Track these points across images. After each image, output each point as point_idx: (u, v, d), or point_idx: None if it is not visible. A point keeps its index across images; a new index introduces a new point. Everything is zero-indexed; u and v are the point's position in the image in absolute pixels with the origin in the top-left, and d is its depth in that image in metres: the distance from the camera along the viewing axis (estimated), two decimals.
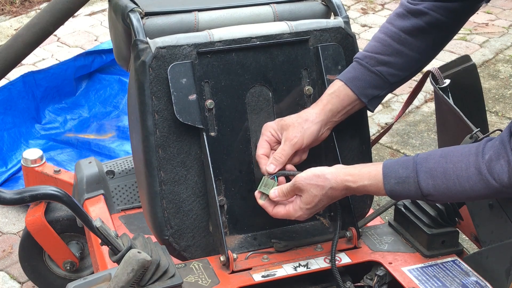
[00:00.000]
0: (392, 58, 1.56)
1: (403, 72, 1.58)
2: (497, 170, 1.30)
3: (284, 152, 1.53)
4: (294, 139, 1.53)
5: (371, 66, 1.56)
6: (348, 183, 1.43)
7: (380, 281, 1.53)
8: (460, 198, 1.40)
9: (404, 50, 1.56)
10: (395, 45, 1.56)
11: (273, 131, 1.56)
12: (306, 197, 1.45)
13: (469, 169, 1.33)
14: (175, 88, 1.53)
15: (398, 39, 1.55)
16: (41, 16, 1.26)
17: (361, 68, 1.57)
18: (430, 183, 1.36)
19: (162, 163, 1.55)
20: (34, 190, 1.28)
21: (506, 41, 4.55)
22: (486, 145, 1.34)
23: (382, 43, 1.57)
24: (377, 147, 3.40)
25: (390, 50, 1.56)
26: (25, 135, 3.37)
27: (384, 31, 1.59)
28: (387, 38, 1.56)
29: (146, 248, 1.34)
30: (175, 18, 1.64)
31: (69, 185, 2.29)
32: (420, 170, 1.37)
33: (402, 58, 1.56)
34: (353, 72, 1.57)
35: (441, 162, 1.36)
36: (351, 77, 1.56)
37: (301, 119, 1.54)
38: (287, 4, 1.73)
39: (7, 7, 4.97)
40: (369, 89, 1.57)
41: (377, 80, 1.57)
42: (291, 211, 1.48)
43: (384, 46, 1.56)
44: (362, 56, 1.58)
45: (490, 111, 3.71)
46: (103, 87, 3.66)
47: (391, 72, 1.57)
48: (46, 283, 2.48)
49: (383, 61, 1.56)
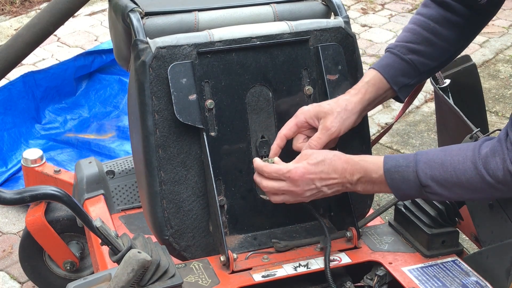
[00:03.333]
0: (422, 46, 1.58)
1: (433, 62, 1.60)
2: (492, 167, 1.33)
3: (320, 141, 1.52)
4: (332, 129, 1.52)
5: (402, 54, 1.58)
6: (351, 156, 1.45)
7: (380, 281, 1.53)
8: (458, 192, 1.40)
9: (433, 39, 1.58)
10: (425, 33, 1.58)
11: (308, 116, 1.53)
12: (311, 155, 1.45)
13: (466, 162, 1.36)
14: (175, 88, 1.53)
15: (427, 28, 1.58)
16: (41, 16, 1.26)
17: (393, 56, 1.59)
18: (428, 173, 1.39)
19: (162, 163, 1.55)
20: (34, 190, 1.28)
21: (506, 41, 4.55)
22: (484, 142, 1.37)
23: (412, 32, 1.60)
24: (377, 147, 3.40)
25: (420, 39, 1.58)
26: (25, 135, 3.37)
27: (413, 21, 1.62)
28: (417, 27, 1.59)
29: (146, 248, 1.34)
30: (175, 18, 1.64)
31: (69, 185, 2.29)
32: (420, 160, 1.40)
33: (432, 47, 1.58)
34: (385, 60, 1.59)
35: (440, 155, 1.39)
36: (384, 64, 1.58)
37: (340, 108, 1.53)
38: (287, 4, 1.73)
39: (7, 7, 4.97)
40: (400, 77, 1.58)
41: (408, 68, 1.58)
42: (289, 165, 1.45)
43: (414, 35, 1.59)
44: (394, 46, 1.60)
45: (490, 111, 3.71)
46: (103, 87, 3.66)
47: (422, 61, 1.59)
48: (46, 283, 2.48)
49: (414, 50, 1.58)
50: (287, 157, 1.52)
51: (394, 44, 1.61)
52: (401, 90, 1.60)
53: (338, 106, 1.54)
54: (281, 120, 1.64)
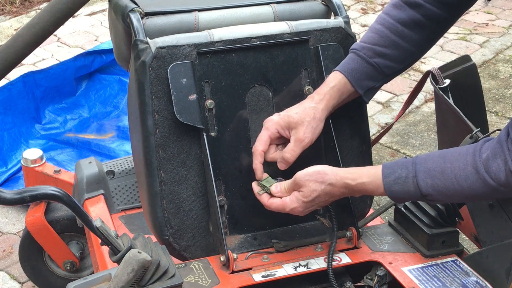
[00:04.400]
0: (389, 50, 1.56)
1: (398, 65, 1.59)
2: (494, 169, 1.31)
3: (294, 153, 1.52)
4: (306, 140, 1.52)
5: (368, 57, 1.56)
6: (347, 180, 1.43)
7: (380, 281, 1.53)
8: (459, 198, 1.40)
9: (400, 42, 1.56)
10: (392, 36, 1.56)
11: (279, 127, 1.53)
12: (305, 191, 1.45)
13: (467, 168, 1.34)
14: (175, 88, 1.53)
15: (395, 31, 1.55)
16: (41, 16, 1.26)
17: (358, 59, 1.56)
18: (429, 182, 1.37)
19: (162, 163, 1.55)
20: (34, 190, 1.28)
21: (506, 41, 4.55)
22: (484, 145, 1.35)
23: (379, 34, 1.57)
24: (377, 147, 3.40)
25: (387, 42, 1.56)
26: (25, 135, 3.37)
27: (381, 21, 1.58)
28: (384, 29, 1.56)
29: (146, 248, 1.34)
30: (175, 18, 1.64)
31: (69, 185, 2.29)
32: (419, 170, 1.38)
33: (399, 50, 1.56)
34: (351, 64, 1.57)
35: (439, 162, 1.37)
36: (350, 68, 1.56)
37: (309, 117, 1.52)
38: (287, 4, 1.73)
39: (7, 7, 4.97)
40: (365, 80, 1.57)
41: (373, 71, 1.57)
42: (287, 202, 1.47)
43: (381, 38, 1.56)
44: (360, 47, 1.57)
45: (490, 111, 3.71)
46: (103, 87, 3.66)
47: (387, 64, 1.57)
48: (46, 283, 2.48)
49: (380, 53, 1.56)
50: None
51: (360, 45, 1.58)
52: (366, 94, 1.59)
53: (306, 115, 1.52)
54: None
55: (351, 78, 1.55)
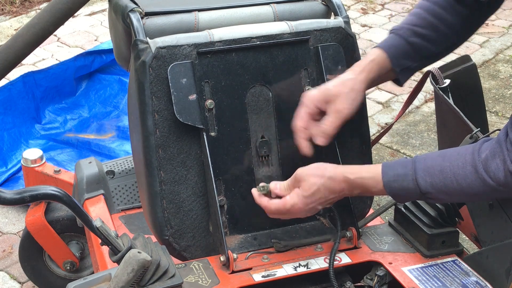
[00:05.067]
0: (427, 31, 1.58)
1: (436, 47, 1.61)
2: (493, 169, 1.31)
3: (333, 125, 1.51)
4: (344, 111, 1.51)
5: (407, 36, 1.58)
6: (347, 174, 1.43)
7: (380, 281, 1.53)
8: (458, 196, 1.40)
9: (438, 24, 1.58)
10: (430, 18, 1.58)
11: (317, 102, 1.52)
12: (305, 185, 1.44)
13: (466, 167, 1.34)
14: (175, 88, 1.53)
15: (433, 13, 1.58)
16: (41, 16, 1.26)
17: (397, 37, 1.59)
18: (428, 180, 1.37)
19: (162, 163, 1.55)
20: (34, 190, 1.28)
21: (506, 41, 4.55)
22: (483, 145, 1.36)
23: (418, 16, 1.60)
24: (377, 147, 3.40)
25: (425, 23, 1.58)
26: (25, 135, 3.37)
27: (420, 5, 1.62)
28: (423, 12, 1.59)
29: (146, 248, 1.34)
30: (175, 18, 1.64)
31: (69, 185, 2.29)
32: (418, 168, 1.39)
33: (436, 33, 1.59)
34: (389, 41, 1.59)
35: (439, 160, 1.38)
36: (388, 45, 1.58)
37: (347, 89, 1.51)
38: (287, 4, 1.73)
39: (7, 7, 4.97)
40: (402, 59, 1.58)
41: (411, 51, 1.59)
42: (287, 199, 1.46)
43: (419, 19, 1.59)
44: (399, 27, 1.61)
45: (490, 111, 3.71)
46: (103, 87, 3.66)
47: (425, 45, 1.59)
48: (46, 283, 2.48)
49: (418, 33, 1.58)
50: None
51: (399, 26, 1.61)
52: (401, 72, 1.60)
53: (344, 86, 1.52)
54: (281, 120, 1.64)
55: (389, 53, 1.57)
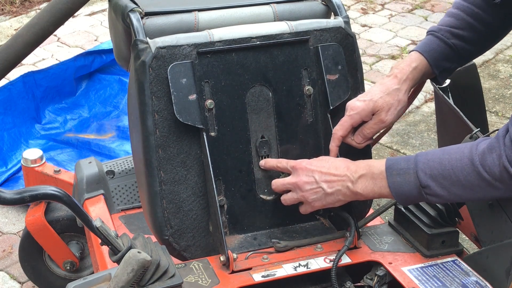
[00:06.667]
0: (466, 32, 1.60)
1: (474, 47, 1.63)
2: (489, 163, 1.33)
3: (374, 131, 1.58)
4: (387, 122, 1.57)
5: (446, 38, 1.60)
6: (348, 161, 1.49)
7: (380, 281, 1.53)
8: (456, 193, 1.41)
9: (476, 25, 1.60)
10: (468, 19, 1.60)
11: (364, 115, 1.56)
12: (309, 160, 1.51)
13: (463, 160, 1.37)
14: (175, 88, 1.53)
15: (471, 13, 1.60)
16: (41, 16, 1.26)
17: (437, 40, 1.61)
18: (428, 172, 1.40)
19: (162, 163, 1.55)
20: (34, 190, 1.28)
21: (506, 41, 4.55)
22: (482, 141, 1.39)
23: (456, 17, 1.62)
24: (377, 147, 3.40)
25: (464, 24, 1.60)
26: (25, 135, 3.37)
27: (457, 6, 1.64)
28: (460, 13, 1.61)
29: (146, 248, 1.34)
30: (175, 18, 1.64)
31: (69, 185, 2.29)
32: (419, 161, 1.42)
33: (474, 33, 1.60)
34: (429, 45, 1.61)
35: (438, 154, 1.41)
36: (428, 49, 1.61)
37: (394, 100, 1.56)
38: (287, 4, 1.73)
39: (7, 7, 4.97)
40: (442, 61, 1.61)
41: (451, 52, 1.61)
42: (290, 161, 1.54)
43: (457, 20, 1.61)
44: (437, 29, 1.62)
45: (490, 111, 3.71)
46: (103, 87, 3.66)
47: (464, 46, 1.61)
48: (46, 283, 2.48)
49: (457, 35, 1.60)
50: None
51: (437, 27, 1.63)
52: (441, 74, 1.63)
53: (391, 99, 1.56)
54: (281, 120, 1.64)
55: (429, 58, 1.60)
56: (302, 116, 1.66)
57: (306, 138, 1.65)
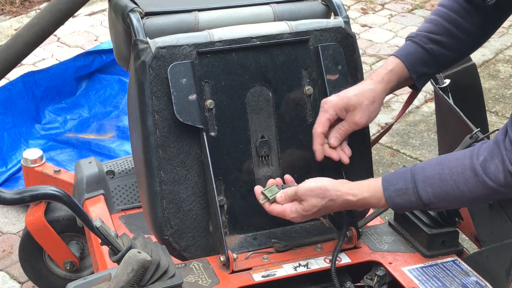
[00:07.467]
0: (443, 37, 1.60)
1: (452, 53, 1.62)
2: (492, 170, 1.31)
3: (347, 131, 1.57)
4: (360, 123, 1.55)
5: (423, 43, 1.59)
6: (349, 197, 1.45)
7: (380, 281, 1.53)
8: (461, 203, 1.41)
9: (454, 31, 1.59)
10: (446, 25, 1.59)
11: (338, 109, 1.55)
12: (305, 205, 1.47)
13: (465, 172, 1.34)
14: (175, 88, 1.53)
15: (449, 19, 1.59)
16: (41, 16, 1.26)
17: (414, 45, 1.60)
18: (429, 191, 1.38)
19: (162, 163, 1.55)
20: (34, 190, 1.28)
21: (506, 41, 4.55)
22: (481, 147, 1.35)
23: (434, 23, 1.61)
24: (377, 147, 3.40)
25: (442, 30, 1.59)
26: (25, 135, 3.37)
27: (435, 12, 1.63)
28: (439, 18, 1.61)
29: (146, 248, 1.34)
30: (175, 18, 1.64)
31: (69, 185, 2.29)
32: (418, 179, 1.39)
33: (452, 39, 1.60)
34: (407, 49, 1.61)
35: (437, 169, 1.38)
36: (405, 54, 1.60)
37: (367, 101, 1.55)
38: (287, 4, 1.73)
39: (7, 7, 4.97)
40: (420, 66, 1.60)
41: (428, 57, 1.60)
42: (287, 211, 1.49)
43: (435, 26, 1.60)
44: (415, 35, 1.62)
45: (490, 111, 3.71)
46: (103, 87, 3.66)
47: (441, 51, 1.60)
48: (46, 283, 2.48)
49: (435, 40, 1.60)
50: None
51: (416, 33, 1.63)
52: (419, 79, 1.62)
53: (364, 98, 1.55)
54: (281, 120, 1.64)
55: (406, 62, 1.59)
56: (302, 116, 1.66)
57: (306, 138, 1.65)
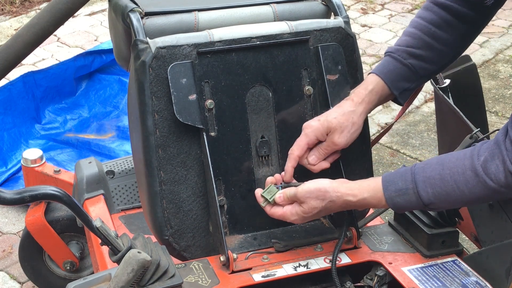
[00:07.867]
0: (423, 51, 1.58)
1: (433, 66, 1.61)
2: (493, 170, 1.31)
3: (327, 152, 1.57)
4: (340, 145, 1.56)
5: (403, 59, 1.58)
6: (348, 197, 1.45)
7: (380, 281, 1.53)
8: (461, 203, 1.40)
9: (433, 44, 1.58)
10: (425, 38, 1.58)
11: (319, 134, 1.55)
12: (305, 207, 1.47)
13: (466, 172, 1.34)
14: (175, 88, 1.53)
15: (428, 32, 1.58)
16: (41, 16, 1.26)
17: (393, 61, 1.59)
18: (430, 191, 1.37)
19: (162, 163, 1.55)
20: (34, 190, 1.28)
21: (506, 41, 4.55)
22: (481, 147, 1.35)
23: (413, 36, 1.60)
24: (377, 147, 3.40)
25: (421, 44, 1.58)
26: (25, 135, 3.37)
27: (414, 25, 1.62)
28: (417, 32, 1.59)
29: (146, 248, 1.34)
30: (175, 18, 1.64)
31: (69, 185, 2.29)
32: (418, 180, 1.39)
33: (432, 52, 1.59)
34: (387, 66, 1.60)
35: (438, 169, 1.38)
36: (385, 71, 1.59)
37: (348, 122, 1.55)
38: (287, 4, 1.73)
39: (7, 7, 4.97)
40: (400, 82, 1.59)
41: (408, 73, 1.59)
42: (288, 214, 1.50)
43: (414, 40, 1.59)
44: (394, 50, 1.61)
45: (490, 111, 3.71)
46: (103, 87, 3.66)
47: (422, 65, 1.59)
48: (46, 283, 2.48)
49: (414, 54, 1.58)
50: None
51: (395, 48, 1.61)
52: (401, 95, 1.61)
53: (345, 120, 1.55)
54: (281, 120, 1.64)
55: (386, 79, 1.58)
56: (302, 116, 1.66)
57: None
